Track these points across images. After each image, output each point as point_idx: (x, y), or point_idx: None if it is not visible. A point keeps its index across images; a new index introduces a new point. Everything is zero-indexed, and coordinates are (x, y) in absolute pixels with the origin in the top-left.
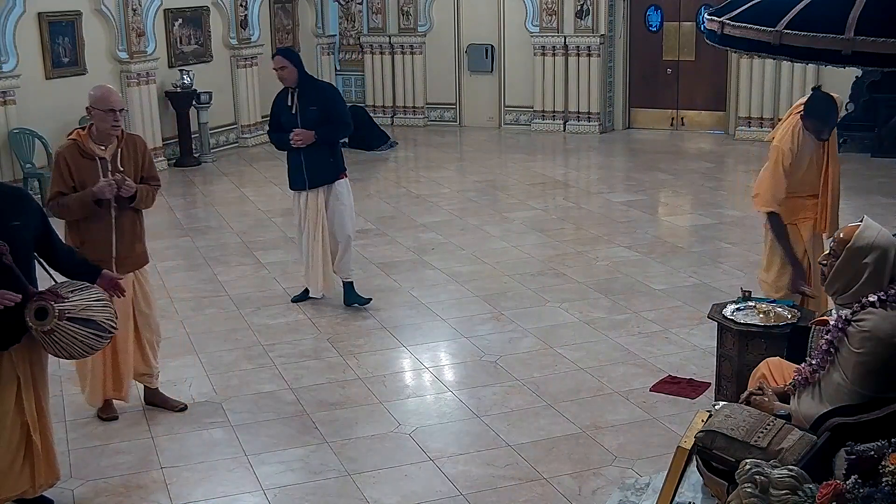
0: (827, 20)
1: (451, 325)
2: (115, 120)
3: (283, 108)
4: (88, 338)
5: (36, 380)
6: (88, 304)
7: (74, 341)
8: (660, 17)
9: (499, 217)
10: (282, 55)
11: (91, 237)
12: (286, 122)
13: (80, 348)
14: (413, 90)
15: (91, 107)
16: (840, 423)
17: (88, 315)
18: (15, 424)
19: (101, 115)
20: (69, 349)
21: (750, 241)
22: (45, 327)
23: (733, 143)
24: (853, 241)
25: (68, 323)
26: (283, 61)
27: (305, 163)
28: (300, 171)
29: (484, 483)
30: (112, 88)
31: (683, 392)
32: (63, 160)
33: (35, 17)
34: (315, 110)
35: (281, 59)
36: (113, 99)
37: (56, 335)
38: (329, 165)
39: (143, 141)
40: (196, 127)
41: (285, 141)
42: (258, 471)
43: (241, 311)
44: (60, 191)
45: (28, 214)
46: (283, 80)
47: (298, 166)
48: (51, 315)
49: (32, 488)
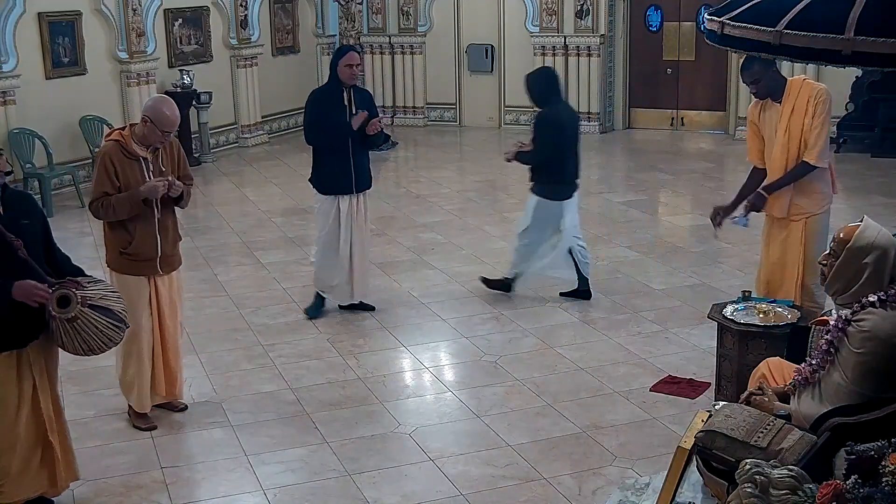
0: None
1: (451, 325)
2: (165, 139)
3: (332, 108)
4: (108, 328)
5: (52, 380)
6: (105, 294)
7: (95, 331)
8: (660, 17)
9: (499, 217)
10: (357, 52)
11: (139, 238)
12: (339, 122)
13: (100, 339)
14: (413, 90)
15: (149, 119)
16: (840, 423)
17: (107, 304)
18: (31, 424)
19: (154, 130)
20: (90, 340)
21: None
22: (69, 314)
23: (733, 143)
24: (853, 241)
25: (90, 310)
26: (359, 58)
27: (355, 165)
28: (348, 174)
29: (484, 483)
30: (175, 108)
31: (683, 392)
32: (108, 160)
33: (35, 17)
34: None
35: (358, 55)
36: (171, 122)
37: (79, 323)
38: (369, 170)
39: (177, 140)
40: (196, 127)
41: (339, 141)
42: (258, 471)
43: (241, 311)
44: (106, 191)
45: (34, 215)
46: (353, 78)
47: (346, 169)
48: (74, 302)
49: (54, 488)
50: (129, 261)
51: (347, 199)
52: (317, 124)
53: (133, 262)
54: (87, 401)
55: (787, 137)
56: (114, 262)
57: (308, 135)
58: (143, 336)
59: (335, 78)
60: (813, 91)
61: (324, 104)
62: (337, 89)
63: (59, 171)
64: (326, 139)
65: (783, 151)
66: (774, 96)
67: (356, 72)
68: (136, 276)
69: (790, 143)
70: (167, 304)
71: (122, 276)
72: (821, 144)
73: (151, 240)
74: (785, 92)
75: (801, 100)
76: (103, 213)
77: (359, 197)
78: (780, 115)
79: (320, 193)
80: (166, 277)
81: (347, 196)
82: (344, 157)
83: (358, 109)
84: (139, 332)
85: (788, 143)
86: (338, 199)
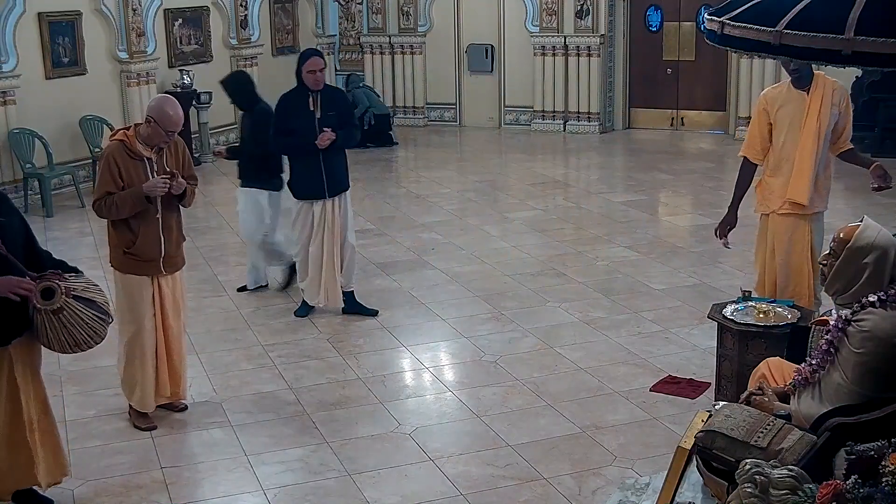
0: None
1: (451, 325)
2: (170, 139)
3: (295, 113)
4: (93, 320)
5: (35, 379)
6: (86, 286)
7: (81, 323)
8: (660, 17)
9: (499, 217)
10: (320, 56)
11: (142, 237)
12: (302, 127)
13: (86, 332)
14: (413, 90)
15: (152, 119)
16: (840, 423)
17: (90, 296)
18: (13, 422)
19: (158, 131)
20: (75, 333)
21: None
22: (54, 305)
23: (733, 143)
24: (853, 241)
25: (75, 301)
26: (322, 63)
27: (326, 170)
28: (319, 179)
29: (484, 483)
30: (178, 108)
31: (683, 392)
32: (112, 160)
33: (35, 17)
34: (334, 115)
35: (321, 60)
36: (175, 122)
37: (65, 315)
38: (345, 172)
39: (182, 140)
40: (196, 127)
41: (303, 145)
42: (258, 471)
43: (241, 312)
44: (109, 191)
45: (11, 214)
46: (316, 83)
47: (317, 174)
48: (58, 293)
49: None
50: (132, 260)
51: (321, 204)
52: (280, 132)
53: (136, 261)
54: (87, 401)
55: (818, 125)
56: (117, 261)
57: (272, 142)
58: (147, 336)
59: (301, 83)
60: (837, 85)
61: (283, 110)
62: (303, 94)
63: (59, 171)
64: (290, 144)
65: (814, 140)
66: (804, 85)
67: (319, 77)
68: (139, 275)
69: (821, 130)
70: (170, 305)
71: (125, 275)
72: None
73: (155, 239)
74: (813, 83)
75: (826, 91)
76: (106, 211)
77: (334, 201)
78: (809, 106)
79: (295, 198)
80: (170, 277)
81: (321, 201)
82: (313, 162)
83: (328, 113)
84: (142, 332)
85: (819, 130)
86: (310, 204)
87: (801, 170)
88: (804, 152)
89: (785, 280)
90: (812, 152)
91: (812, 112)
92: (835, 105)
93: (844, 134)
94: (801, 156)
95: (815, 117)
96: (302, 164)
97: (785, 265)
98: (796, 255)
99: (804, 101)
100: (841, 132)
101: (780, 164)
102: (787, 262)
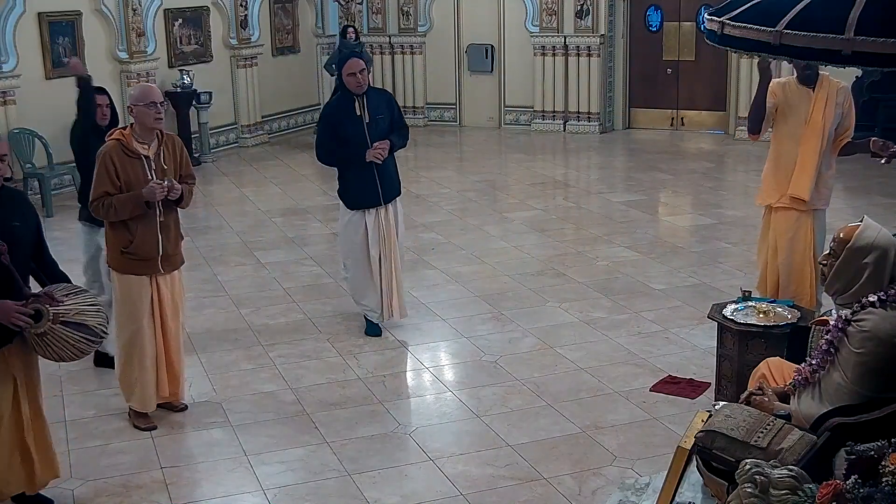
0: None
1: (451, 325)
2: (158, 113)
3: (345, 119)
4: (80, 342)
5: (32, 380)
6: (82, 309)
7: (66, 345)
8: (660, 17)
9: (499, 217)
10: (361, 58)
11: (140, 237)
12: (354, 134)
13: (71, 352)
14: (413, 90)
15: (132, 105)
16: (840, 423)
17: (82, 319)
18: (11, 424)
19: (143, 110)
20: (59, 352)
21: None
22: (38, 330)
23: (733, 143)
24: (853, 241)
25: (61, 327)
26: (361, 64)
27: (380, 177)
28: (374, 187)
29: (484, 483)
30: (149, 85)
31: (683, 392)
32: (109, 160)
33: (35, 17)
34: (383, 118)
35: (360, 61)
36: (153, 92)
37: (48, 338)
38: (397, 175)
39: (179, 139)
40: (196, 127)
41: (356, 156)
42: (258, 471)
43: (241, 312)
44: (107, 191)
45: (27, 217)
46: (359, 86)
47: (371, 181)
48: (45, 318)
49: (32, 486)
50: (130, 260)
51: (374, 213)
52: (328, 142)
53: (134, 261)
54: (87, 401)
55: (822, 122)
56: (115, 261)
57: (318, 154)
58: (146, 336)
59: (344, 88)
60: (841, 85)
61: (332, 117)
62: (348, 100)
63: (59, 170)
64: (342, 156)
65: (818, 136)
66: (810, 83)
67: (361, 79)
68: (137, 275)
69: (825, 127)
70: (169, 304)
71: (123, 275)
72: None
73: (153, 239)
74: (818, 81)
75: (831, 90)
76: (104, 212)
77: (388, 207)
78: (815, 102)
79: (347, 208)
80: (168, 277)
81: (374, 209)
82: (365, 170)
83: (377, 116)
84: (141, 332)
85: (824, 127)
86: (363, 213)
87: (805, 166)
88: (808, 148)
89: (786, 280)
90: (816, 149)
91: (817, 109)
92: (839, 104)
93: (848, 131)
94: (804, 152)
95: (820, 114)
96: (355, 173)
97: (787, 265)
98: (798, 254)
99: (809, 97)
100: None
101: (779, 157)
102: (789, 262)
